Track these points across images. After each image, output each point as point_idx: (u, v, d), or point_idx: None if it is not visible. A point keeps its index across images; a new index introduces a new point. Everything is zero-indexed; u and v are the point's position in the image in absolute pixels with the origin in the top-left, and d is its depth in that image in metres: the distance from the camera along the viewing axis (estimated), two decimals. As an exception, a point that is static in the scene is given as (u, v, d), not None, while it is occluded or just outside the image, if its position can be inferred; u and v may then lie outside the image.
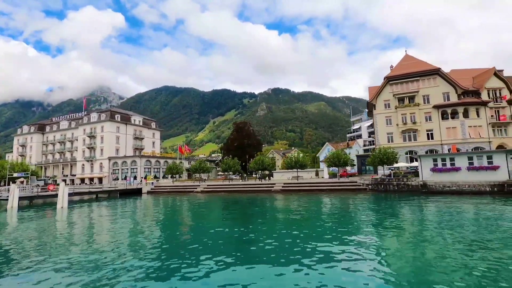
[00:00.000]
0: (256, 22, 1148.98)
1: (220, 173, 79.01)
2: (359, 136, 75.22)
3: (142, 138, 76.63)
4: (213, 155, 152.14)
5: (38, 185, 49.50)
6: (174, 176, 58.55)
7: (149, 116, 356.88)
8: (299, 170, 47.87)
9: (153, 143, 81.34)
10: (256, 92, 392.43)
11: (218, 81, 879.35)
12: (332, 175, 49.13)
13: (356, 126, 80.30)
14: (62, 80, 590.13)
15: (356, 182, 38.96)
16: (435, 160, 31.94)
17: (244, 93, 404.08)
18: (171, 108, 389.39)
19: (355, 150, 67.75)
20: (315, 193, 38.06)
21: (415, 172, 35.02)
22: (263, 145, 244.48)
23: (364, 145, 71.02)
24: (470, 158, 30.11)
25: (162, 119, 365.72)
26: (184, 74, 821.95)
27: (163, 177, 65.02)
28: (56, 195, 29.18)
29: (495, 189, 27.77)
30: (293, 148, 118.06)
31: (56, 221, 21.01)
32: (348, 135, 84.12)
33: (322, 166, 61.51)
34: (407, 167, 41.40)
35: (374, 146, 54.41)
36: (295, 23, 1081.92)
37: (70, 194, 38.06)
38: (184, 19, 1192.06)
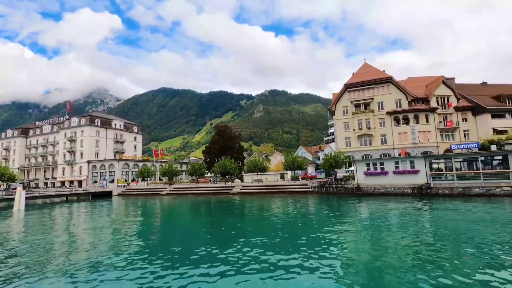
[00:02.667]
0: (254, 24, 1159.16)
1: (207, 175, 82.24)
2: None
3: (123, 142, 80.00)
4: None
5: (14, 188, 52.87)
6: (151, 178, 62.37)
7: (146, 118, 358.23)
8: (259, 173, 51.17)
9: (135, 146, 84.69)
10: (254, 94, 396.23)
11: (216, 83, 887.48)
12: (295, 177, 52.17)
13: (332, 130, 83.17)
14: (59, 82, 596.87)
15: (306, 185, 41.99)
16: (368, 165, 34.95)
17: (242, 95, 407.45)
18: (168, 110, 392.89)
19: (324, 154, 70.63)
20: (269, 195, 41.09)
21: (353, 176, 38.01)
22: (259, 146, 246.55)
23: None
24: (396, 163, 33.09)
25: (160, 120, 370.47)
26: (182, 76, 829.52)
27: (142, 179, 68.29)
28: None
29: (415, 191, 30.72)
30: (275, 151, 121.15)
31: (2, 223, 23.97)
32: (325, 138, 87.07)
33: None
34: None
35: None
36: (293, 25, 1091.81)
37: (36, 197, 41.70)
38: (181, 21, 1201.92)
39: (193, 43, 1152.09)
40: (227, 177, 56.19)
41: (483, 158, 28.60)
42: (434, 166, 32.77)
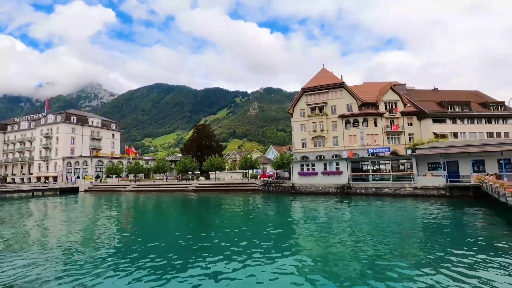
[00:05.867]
0: (250, 21, 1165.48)
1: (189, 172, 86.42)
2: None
3: (100, 139, 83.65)
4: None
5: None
6: (127, 175, 66.82)
7: (140, 114, 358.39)
8: (226, 172, 55.14)
9: (113, 143, 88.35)
10: (249, 91, 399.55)
11: (210, 79, 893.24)
12: (253, 176, 55.95)
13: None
14: (51, 76, 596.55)
15: (255, 183, 45.77)
16: (302, 165, 38.62)
17: (237, 92, 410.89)
18: (162, 106, 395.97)
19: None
20: (219, 192, 45.07)
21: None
22: (252, 144, 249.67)
23: (309, 149, 77.72)
24: (325, 164, 36.75)
25: (154, 116, 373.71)
26: (176, 72, 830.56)
27: (117, 176, 71.88)
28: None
29: (338, 190, 34.40)
30: (254, 150, 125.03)
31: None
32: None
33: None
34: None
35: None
36: (289, 23, 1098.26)
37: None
38: (174, 15, 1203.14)
39: (187, 39, 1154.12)
40: (187, 174, 59.96)
41: (393, 161, 32.31)
42: (364, 167, 36.38)
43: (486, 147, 27.86)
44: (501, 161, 27.50)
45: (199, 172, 66.75)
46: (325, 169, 36.47)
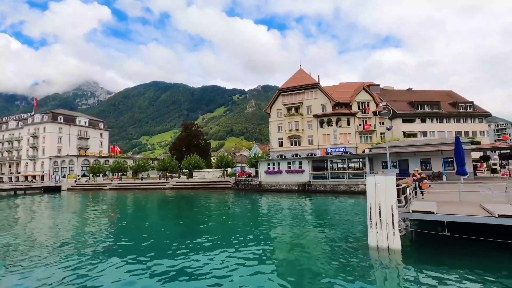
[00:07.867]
0: (246, 19, 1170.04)
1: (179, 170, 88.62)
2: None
3: (88, 138, 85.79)
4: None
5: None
6: (116, 174, 69.24)
7: (137, 112, 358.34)
8: (197, 170, 57.24)
9: (101, 142, 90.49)
10: (246, 89, 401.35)
11: (208, 78, 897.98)
12: (233, 174, 57.93)
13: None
14: (47, 74, 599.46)
15: (229, 181, 47.81)
16: (268, 164, 40.58)
17: (234, 90, 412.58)
18: (160, 104, 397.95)
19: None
20: (195, 190, 47.29)
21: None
22: (249, 142, 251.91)
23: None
24: (289, 163, 38.69)
25: (151, 114, 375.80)
26: (173, 70, 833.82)
27: (104, 175, 74.03)
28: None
29: (300, 188, 36.35)
30: (243, 148, 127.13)
31: None
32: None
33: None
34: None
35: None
36: (286, 21, 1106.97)
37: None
38: (169, 13, 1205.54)
39: (184, 37, 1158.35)
40: (173, 173, 62.09)
41: (349, 160, 34.28)
42: (334, 165, 38.26)
43: (429, 147, 29.76)
44: (448, 160, 29.53)
45: (187, 170, 68.86)
46: (289, 167, 38.40)
